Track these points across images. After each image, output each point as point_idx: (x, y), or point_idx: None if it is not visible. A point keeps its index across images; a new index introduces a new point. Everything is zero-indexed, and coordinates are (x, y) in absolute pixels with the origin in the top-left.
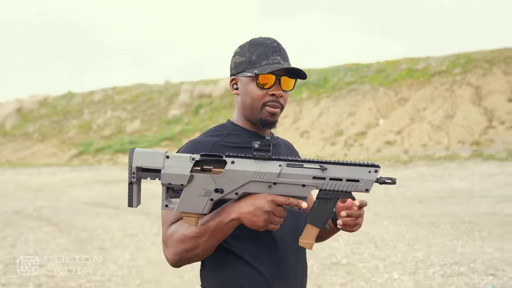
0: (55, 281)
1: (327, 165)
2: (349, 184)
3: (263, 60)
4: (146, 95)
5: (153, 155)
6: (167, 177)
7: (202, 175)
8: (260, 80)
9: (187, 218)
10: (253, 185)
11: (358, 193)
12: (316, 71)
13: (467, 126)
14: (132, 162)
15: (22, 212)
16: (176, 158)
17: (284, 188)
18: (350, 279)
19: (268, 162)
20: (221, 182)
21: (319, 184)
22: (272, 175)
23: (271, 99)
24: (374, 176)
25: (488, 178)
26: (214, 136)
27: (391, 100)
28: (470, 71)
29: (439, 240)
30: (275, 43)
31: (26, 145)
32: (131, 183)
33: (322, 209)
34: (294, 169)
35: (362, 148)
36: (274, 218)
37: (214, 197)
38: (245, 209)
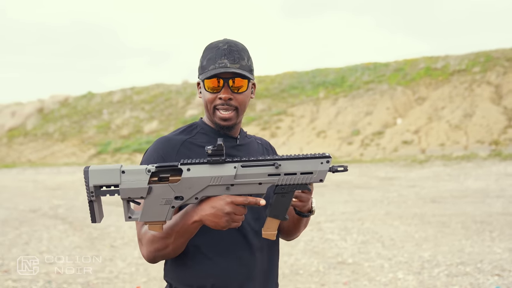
0: (64, 277)
1: (281, 161)
2: (304, 176)
3: (210, 65)
4: (164, 95)
5: (108, 172)
6: (126, 192)
7: (160, 185)
8: (206, 84)
9: (152, 226)
10: (211, 189)
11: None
12: (333, 70)
13: (486, 125)
14: (88, 181)
15: (38, 210)
16: (132, 172)
17: (242, 188)
18: (354, 278)
19: (223, 165)
20: (180, 189)
21: (275, 180)
22: (228, 177)
23: (220, 102)
24: (326, 166)
25: (505, 178)
26: (184, 134)
27: (409, 99)
28: (490, 69)
29: (448, 240)
30: (227, 45)
31: (47, 145)
32: (91, 201)
33: (281, 203)
34: (249, 169)
35: (379, 147)
36: (235, 217)
37: (175, 204)
38: (206, 212)
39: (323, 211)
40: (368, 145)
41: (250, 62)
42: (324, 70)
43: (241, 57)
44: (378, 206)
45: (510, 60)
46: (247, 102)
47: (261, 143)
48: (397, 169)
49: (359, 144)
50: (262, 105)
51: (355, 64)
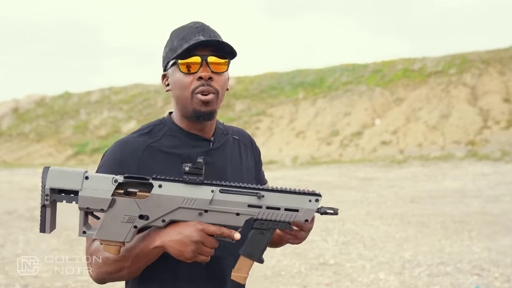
0: (41, 281)
1: (265, 192)
2: (288, 213)
3: (184, 44)
4: (142, 95)
5: (70, 174)
6: (85, 200)
7: (125, 199)
8: (182, 65)
9: (107, 247)
10: (181, 212)
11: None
12: (312, 71)
13: (463, 126)
14: (45, 182)
15: (14, 212)
16: (96, 179)
17: (216, 216)
18: (336, 279)
19: (200, 187)
20: (147, 207)
21: (255, 213)
22: (203, 201)
23: (200, 83)
24: (314, 205)
25: (481, 178)
26: (148, 135)
27: (387, 100)
28: (466, 71)
29: (428, 240)
30: (199, 24)
31: (22, 145)
32: (44, 205)
33: (258, 240)
34: (228, 195)
35: (357, 148)
36: (204, 249)
37: (138, 224)
38: (171, 237)
39: None
40: (347, 145)
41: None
42: (304, 71)
43: (216, 35)
44: (358, 206)
45: (485, 62)
46: (225, 88)
47: (239, 139)
48: (376, 170)
49: (338, 145)
50: (241, 105)
51: (334, 65)
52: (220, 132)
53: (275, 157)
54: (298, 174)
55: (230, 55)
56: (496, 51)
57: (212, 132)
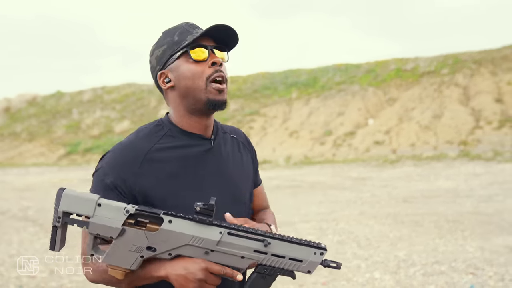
0: (36, 281)
1: (271, 239)
2: (291, 263)
3: (187, 35)
4: (135, 95)
5: (83, 201)
6: (97, 227)
7: (134, 230)
8: (193, 53)
9: (113, 271)
10: (188, 249)
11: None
12: (305, 71)
13: (455, 126)
14: (58, 205)
15: (7, 212)
16: (108, 207)
17: (222, 256)
18: (332, 278)
19: (209, 227)
20: (155, 240)
21: (260, 258)
22: (210, 242)
23: (214, 69)
24: (319, 258)
25: (474, 177)
26: (149, 139)
27: (380, 100)
28: (458, 71)
29: (422, 239)
30: (191, 22)
31: (14, 145)
32: (55, 226)
33: (260, 284)
34: (236, 238)
35: (351, 148)
36: (206, 286)
37: (145, 255)
38: (176, 271)
39: (298, 211)
40: (340, 145)
41: None
42: (297, 70)
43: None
44: (352, 206)
45: (477, 63)
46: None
47: (236, 138)
48: (369, 169)
49: (332, 145)
50: (234, 105)
51: (327, 65)
52: (219, 131)
53: (268, 157)
54: (291, 174)
55: (228, 47)
56: (488, 51)
57: (212, 131)
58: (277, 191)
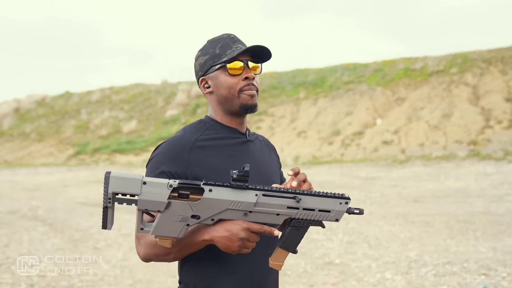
0: (46, 280)
1: (301, 195)
2: (321, 214)
3: (227, 50)
4: (143, 95)
5: (129, 181)
6: (144, 203)
7: (179, 202)
8: (230, 67)
9: (162, 240)
10: (229, 213)
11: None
12: (313, 70)
13: (464, 125)
14: (108, 187)
15: (17, 212)
16: (153, 184)
17: (259, 216)
18: (342, 278)
19: (245, 191)
20: (198, 209)
21: (293, 213)
22: (248, 204)
23: (246, 83)
24: (344, 207)
25: (484, 177)
26: (194, 132)
27: (388, 100)
28: (467, 70)
29: (433, 240)
30: (233, 35)
31: (24, 145)
32: (106, 207)
33: (294, 235)
34: (270, 198)
35: (359, 147)
36: (248, 244)
37: (191, 223)
38: (220, 233)
39: None
40: (349, 145)
41: None
42: (304, 70)
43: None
44: (361, 206)
45: (487, 62)
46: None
47: (263, 141)
48: (378, 169)
49: (340, 144)
50: None
51: (335, 65)
52: (249, 130)
53: None
54: None
55: (263, 59)
56: (498, 50)
57: (245, 128)
58: None
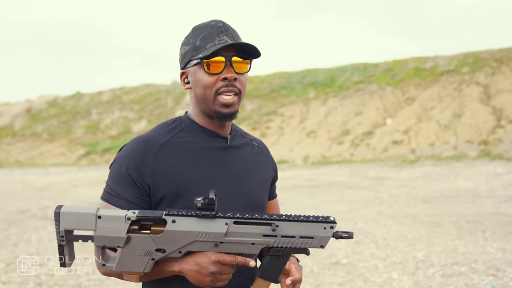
0: (54, 279)
1: (279, 222)
2: (303, 241)
3: (208, 43)
4: (153, 95)
5: (82, 216)
6: (101, 239)
7: (140, 235)
8: (207, 65)
9: (128, 276)
10: (197, 245)
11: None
12: (323, 70)
13: (475, 125)
14: (59, 224)
15: (27, 211)
16: (109, 218)
17: (232, 246)
18: (349, 278)
19: (213, 220)
20: (162, 242)
21: (270, 241)
22: (218, 234)
23: (224, 84)
24: (329, 232)
25: (495, 177)
26: (166, 132)
27: (399, 100)
28: (479, 70)
29: (441, 240)
30: (221, 23)
31: (35, 145)
32: (61, 245)
33: (274, 265)
34: (243, 226)
35: (369, 147)
36: (221, 277)
37: (156, 257)
38: (189, 266)
39: (315, 211)
40: (358, 145)
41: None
42: (314, 70)
43: (238, 36)
44: (369, 206)
45: (498, 61)
46: (246, 87)
47: (258, 146)
48: (388, 169)
49: (349, 144)
50: (252, 105)
51: (345, 65)
52: (238, 133)
53: (286, 156)
54: (309, 174)
55: (252, 55)
56: (510, 49)
57: (229, 131)
58: (294, 190)
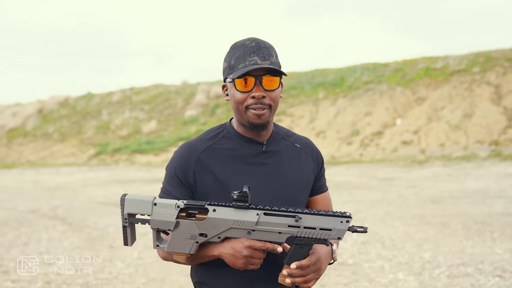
0: (63, 278)
1: (302, 214)
2: (322, 232)
3: (240, 63)
4: (163, 96)
5: (142, 203)
6: (156, 223)
7: (187, 221)
8: (238, 84)
9: (177, 256)
10: (233, 231)
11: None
12: (332, 70)
13: (486, 125)
14: (123, 208)
15: (38, 211)
16: (162, 205)
17: (262, 234)
18: (354, 279)
19: (247, 211)
20: (205, 227)
21: (294, 231)
22: (250, 223)
23: (253, 101)
24: (345, 226)
25: (505, 178)
26: (209, 138)
27: (409, 100)
28: (490, 70)
29: (449, 241)
30: (254, 43)
31: (46, 145)
32: (125, 226)
33: (298, 253)
34: (271, 217)
35: (378, 148)
36: (253, 261)
37: (199, 240)
38: (226, 250)
39: None
40: (368, 145)
41: (278, 60)
42: (323, 70)
43: (270, 53)
44: (378, 206)
45: (510, 61)
46: (279, 100)
47: (300, 147)
48: (397, 170)
49: (359, 145)
50: None
51: (355, 65)
52: (278, 137)
53: None
54: None
55: (281, 72)
56: None
57: (267, 137)
58: None
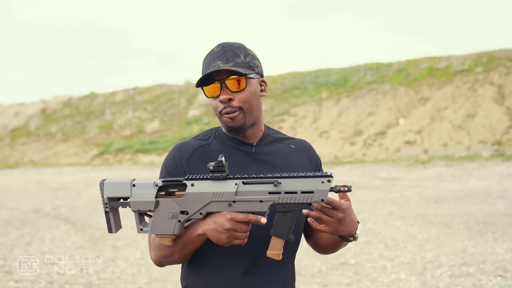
0: (65, 278)
1: (281, 179)
2: (304, 196)
3: (206, 70)
4: (166, 96)
5: (120, 185)
6: (136, 204)
7: (166, 199)
8: (206, 91)
9: (162, 239)
10: (214, 205)
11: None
12: (336, 70)
13: (489, 125)
14: (103, 193)
15: (41, 211)
16: (141, 186)
17: (243, 205)
18: (356, 279)
19: (225, 181)
20: (185, 204)
21: (276, 198)
22: (229, 194)
23: (222, 106)
24: (327, 186)
25: (508, 178)
26: (202, 139)
27: (412, 100)
28: (493, 70)
29: (451, 241)
30: (220, 48)
31: (49, 145)
32: (107, 212)
33: (283, 222)
34: (250, 186)
35: (381, 148)
36: (237, 234)
37: (181, 219)
38: (209, 226)
39: None
40: (371, 145)
41: (250, 59)
42: (327, 70)
43: (235, 55)
44: (380, 206)
45: None
46: (253, 100)
47: (295, 148)
48: (400, 170)
49: (362, 144)
50: (264, 105)
51: (358, 65)
52: (270, 139)
53: None
54: None
55: (250, 69)
56: None
57: (258, 139)
58: None
